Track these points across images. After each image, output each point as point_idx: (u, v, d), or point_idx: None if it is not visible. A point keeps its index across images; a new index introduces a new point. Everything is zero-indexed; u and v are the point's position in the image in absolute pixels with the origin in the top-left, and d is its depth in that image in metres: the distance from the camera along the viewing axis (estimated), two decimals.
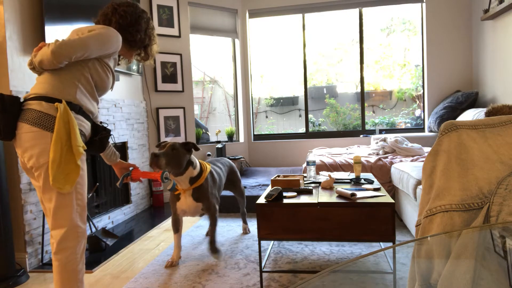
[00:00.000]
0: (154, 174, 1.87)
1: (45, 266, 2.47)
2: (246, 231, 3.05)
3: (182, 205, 2.44)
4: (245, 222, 3.07)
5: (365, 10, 4.89)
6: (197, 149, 2.34)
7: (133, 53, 1.93)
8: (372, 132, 4.98)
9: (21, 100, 1.60)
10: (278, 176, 2.59)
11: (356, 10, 4.90)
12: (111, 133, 2.57)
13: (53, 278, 1.58)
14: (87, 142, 1.74)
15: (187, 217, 3.60)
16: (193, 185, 2.37)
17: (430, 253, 1.06)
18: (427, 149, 3.78)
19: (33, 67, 1.64)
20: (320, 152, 4.22)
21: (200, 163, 2.47)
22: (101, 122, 1.84)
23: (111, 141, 3.48)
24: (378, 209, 1.87)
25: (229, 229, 3.18)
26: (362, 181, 2.46)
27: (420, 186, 2.39)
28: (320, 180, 2.53)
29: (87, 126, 1.69)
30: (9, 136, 1.56)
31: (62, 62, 1.57)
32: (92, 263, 2.51)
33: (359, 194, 2.03)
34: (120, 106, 3.58)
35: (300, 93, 5.27)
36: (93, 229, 2.95)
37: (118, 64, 1.93)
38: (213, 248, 2.43)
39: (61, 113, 1.52)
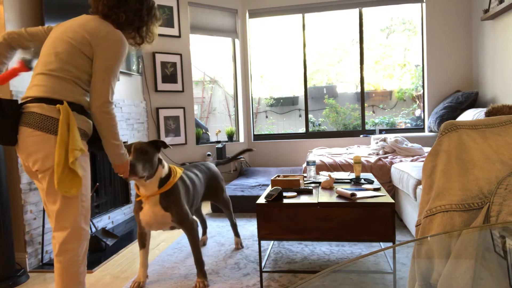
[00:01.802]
0: (14, 69, 1.75)
1: (45, 266, 2.47)
2: (238, 246, 2.69)
3: (145, 215, 2.04)
4: (237, 235, 2.71)
5: (365, 10, 4.89)
6: (165, 146, 2.05)
7: (127, 37, 1.81)
8: (372, 132, 4.98)
9: (19, 102, 1.58)
10: (278, 176, 2.59)
11: (356, 10, 4.90)
12: None
13: (55, 280, 1.58)
14: (89, 140, 1.74)
15: None
16: (161, 189, 2.02)
17: (430, 253, 1.06)
18: (427, 149, 3.78)
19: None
20: (320, 152, 4.22)
21: (169, 167, 2.15)
22: None
23: None
24: (378, 209, 1.87)
25: (228, 229, 3.17)
26: (362, 181, 2.46)
27: (420, 186, 2.39)
28: (320, 180, 2.53)
29: (89, 125, 1.68)
30: (12, 142, 1.53)
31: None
32: (92, 263, 2.51)
33: (359, 194, 2.03)
34: (120, 106, 3.58)
35: (300, 93, 5.27)
36: (93, 229, 2.95)
37: None
38: (202, 270, 2.11)
39: (63, 114, 1.51)
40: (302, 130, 5.27)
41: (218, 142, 4.95)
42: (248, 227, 3.17)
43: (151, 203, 2.04)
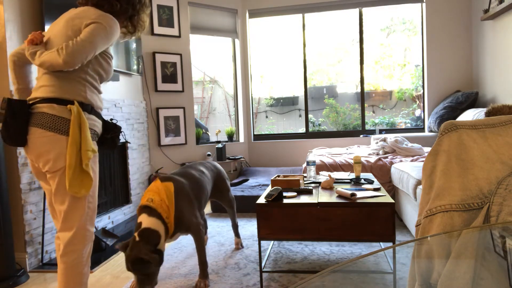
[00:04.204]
0: None
1: (45, 266, 2.47)
2: (239, 246, 2.69)
3: None
4: (237, 235, 2.71)
5: (365, 10, 4.89)
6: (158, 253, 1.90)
7: (120, 26, 1.78)
8: (372, 132, 4.98)
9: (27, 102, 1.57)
10: (278, 176, 2.59)
11: (356, 10, 4.90)
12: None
13: (58, 280, 1.58)
14: (99, 140, 1.73)
15: None
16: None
17: (430, 253, 1.06)
18: (427, 149, 3.78)
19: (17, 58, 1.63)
20: (320, 152, 4.22)
21: (156, 203, 1.94)
22: (111, 119, 1.82)
23: (122, 138, 3.47)
24: (378, 209, 1.87)
25: (228, 229, 3.17)
26: (362, 181, 2.46)
27: (420, 186, 2.39)
28: (320, 180, 2.53)
29: (99, 125, 1.67)
30: (22, 142, 1.52)
31: (74, 68, 1.53)
32: (92, 263, 2.51)
33: (359, 194, 2.03)
34: (120, 106, 3.58)
35: (300, 93, 5.27)
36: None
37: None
38: (205, 272, 2.12)
39: (75, 115, 1.50)
40: (302, 130, 5.27)
41: (218, 142, 4.95)
42: (248, 227, 3.17)
43: None
